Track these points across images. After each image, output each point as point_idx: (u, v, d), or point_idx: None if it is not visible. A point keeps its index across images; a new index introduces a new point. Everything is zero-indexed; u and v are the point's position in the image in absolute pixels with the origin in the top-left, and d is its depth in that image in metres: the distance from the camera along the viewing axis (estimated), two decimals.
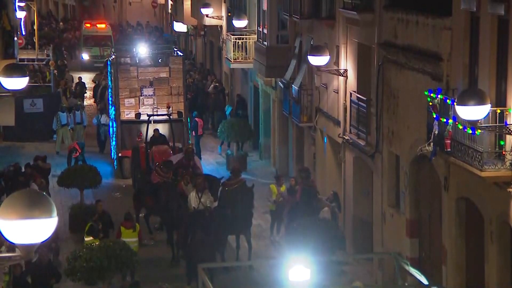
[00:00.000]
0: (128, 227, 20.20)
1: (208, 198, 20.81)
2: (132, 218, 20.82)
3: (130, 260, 17.32)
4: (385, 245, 19.87)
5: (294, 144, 28.20)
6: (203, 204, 20.51)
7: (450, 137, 15.14)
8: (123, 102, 29.84)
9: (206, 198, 20.80)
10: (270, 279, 20.75)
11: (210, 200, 20.77)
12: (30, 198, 7.80)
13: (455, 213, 16.55)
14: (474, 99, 13.83)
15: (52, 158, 30.52)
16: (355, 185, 22.19)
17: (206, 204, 20.48)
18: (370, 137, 20.66)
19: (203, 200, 20.66)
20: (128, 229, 20.16)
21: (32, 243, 7.81)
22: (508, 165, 14.24)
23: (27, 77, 15.66)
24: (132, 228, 20.26)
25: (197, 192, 20.80)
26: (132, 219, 20.73)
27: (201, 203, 20.52)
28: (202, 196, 20.74)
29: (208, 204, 20.52)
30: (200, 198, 20.66)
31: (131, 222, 20.40)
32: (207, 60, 43.63)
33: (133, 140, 29.16)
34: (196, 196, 20.76)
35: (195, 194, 20.83)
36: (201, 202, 20.56)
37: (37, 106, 34.43)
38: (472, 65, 15.79)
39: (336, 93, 23.29)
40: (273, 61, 27.94)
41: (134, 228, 20.31)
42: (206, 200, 20.69)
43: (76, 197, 24.45)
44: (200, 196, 20.72)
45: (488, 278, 15.38)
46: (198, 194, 20.76)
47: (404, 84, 18.69)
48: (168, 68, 30.23)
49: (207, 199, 20.76)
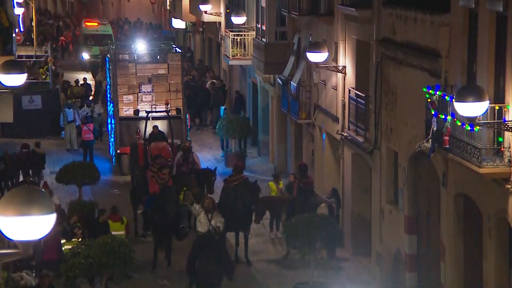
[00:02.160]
0: (115, 220, 20.49)
1: (218, 220, 19.34)
2: (119, 211, 21.10)
3: (128, 256, 17.33)
4: (384, 242, 19.89)
5: (292, 141, 28.20)
6: (213, 226, 19.14)
7: (448, 134, 15.14)
8: (122, 99, 29.84)
9: (216, 219, 19.29)
10: (268, 275, 20.79)
11: (221, 221, 19.34)
12: (29, 195, 7.80)
13: (454, 210, 16.57)
14: (473, 96, 13.83)
15: (57, 154, 30.70)
16: (353, 182, 22.20)
17: (216, 226, 19.15)
18: (368, 134, 20.66)
19: (213, 222, 19.21)
20: (115, 222, 20.44)
21: (30, 239, 7.81)
22: (507, 162, 14.25)
23: (25, 73, 15.64)
24: (120, 221, 20.56)
25: (206, 213, 19.33)
26: (119, 212, 21.01)
27: (211, 226, 19.16)
28: (212, 218, 19.30)
29: (219, 225, 19.23)
30: (210, 220, 19.24)
31: (117, 215, 20.70)
32: (206, 57, 43.61)
33: (131, 136, 29.16)
34: (205, 218, 19.30)
35: (204, 215, 19.34)
36: (211, 225, 19.17)
37: (35, 103, 34.43)
38: (471, 61, 15.80)
39: (334, 90, 23.30)
40: (272, 58, 27.93)
41: (121, 221, 20.61)
42: (216, 222, 19.23)
43: (75, 193, 24.45)
44: (210, 218, 19.28)
45: (486, 274, 15.40)
46: (207, 216, 19.30)
47: (403, 80, 18.70)
48: (166, 65, 30.22)
49: (218, 220, 19.30)
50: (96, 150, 31.75)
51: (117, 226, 20.42)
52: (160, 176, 22.09)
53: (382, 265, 19.94)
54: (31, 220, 7.74)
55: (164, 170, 22.21)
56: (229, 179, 21.95)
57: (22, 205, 7.72)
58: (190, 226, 23.75)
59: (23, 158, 27.34)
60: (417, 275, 18.59)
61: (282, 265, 21.40)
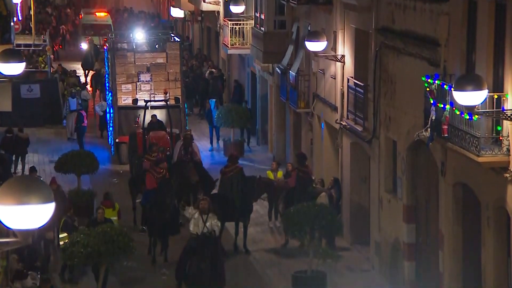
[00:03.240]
0: (108, 206, 20.69)
1: (214, 222, 18.27)
2: (111, 197, 21.23)
3: (127, 245, 17.35)
4: (382, 231, 19.91)
5: (291, 130, 28.20)
6: (208, 229, 18.10)
7: (447, 123, 15.14)
8: (120, 88, 29.81)
9: (211, 221, 18.23)
10: (267, 264, 20.82)
11: (217, 224, 18.31)
12: (27, 183, 7.81)
13: (452, 199, 16.58)
14: (471, 85, 13.83)
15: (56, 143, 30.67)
16: (352, 171, 22.21)
17: (212, 229, 18.14)
18: (367, 123, 20.66)
19: (208, 224, 18.14)
20: (108, 208, 20.62)
21: (29, 228, 7.82)
22: (505, 151, 14.25)
23: (23, 62, 15.62)
24: (111, 207, 20.76)
25: (201, 214, 18.16)
26: (111, 198, 21.14)
27: (206, 228, 18.11)
28: (207, 220, 18.17)
29: (215, 229, 18.23)
30: (205, 222, 18.11)
31: (109, 201, 20.89)
32: (204, 46, 43.56)
33: (130, 126, 29.15)
34: (200, 219, 18.16)
35: (198, 216, 18.21)
36: (206, 227, 18.11)
37: (34, 92, 34.39)
38: (470, 50, 15.78)
39: (333, 79, 23.28)
40: (270, 47, 27.90)
41: (113, 207, 20.82)
42: (211, 225, 18.19)
43: (74, 182, 24.46)
44: (205, 220, 18.15)
45: (484, 263, 15.43)
46: (202, 217, 18.14)
47: (402, 69, 18.68)
48: (165, 54, 30.18)
49: (213, 223, 18.25)
50: (95, 139, 31.76)
51: (109, 212, 20.61)
52: (157, 171, 21.99)
53: (381, 254, 19.97)
54: (30, 209, 7.74)
55: (161, 165, 22.02)
56: (225, 170, 21.95)
57: (21, 194, 7.73)
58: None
59: (7, 142, 27.48)
60: (415, 264, 18.62)
61: (281, 254, 21.44)
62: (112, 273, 19.17)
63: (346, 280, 19.63)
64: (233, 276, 19.00)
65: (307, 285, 18.62)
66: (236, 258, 21.00)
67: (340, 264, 19.60)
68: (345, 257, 20.70)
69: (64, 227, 19.34)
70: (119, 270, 19.69)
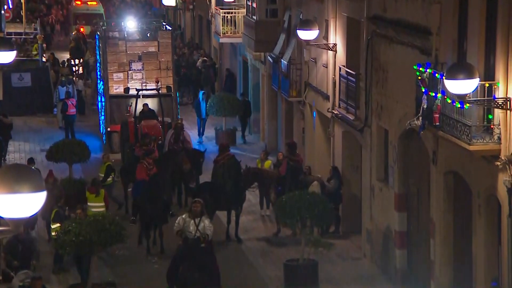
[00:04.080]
0: (92, 192, 21.00)
1: (207, 225, 17.53)
2: (98, 183, 21.40)
3: (119, 234, 17.35)
4: (374, 219, 19.96)
5: (283, 119, 28.20)
6: (200, 232, 17.39)
7: (438, 111, 15.16)
8: (112, 77, 29.74)
9: (204, 224, 17.49)
10: (259, 253, 20.86)
11: (209, 228, 17.57)
12: (19, 172, 7.79)
13: (444, 187, 16.63)
14: (463, 73, 13.85)
15: (47, 132, 30.59)
16: (344, 160, 22.24)
17: (205, 232, 17.40)
18: (359, 112, 20.67)
19: (200, 227, 17.40)
20: (92, 193, 20.98)
21: (21, 217, 7.81)
22: (496, 139, 14.29)
23: (14, 51, 15.58)
24: (95, 193, 20.97)
25: (193, 218, 17.44)
26: (98, 184, 21.32)
27: (199, 231, 17.39)
28: (199, 223, 17.43)
29: (208, 232, 17.47)
30: (197, 226, 17.39)
31: (95, 187, 21.11)
32: (196, 35, 43.47)
33: (122, 114, 29.09)
34: (192, 223, 17.42)
35: (189, 219, 17.48)
36: (199, 230, 17.38)
37: (25, 80, 34.29)
38: (461, 39, 15.79)
39: (325, 68, 23.27)
40: (262, 36, 27.86)
41: (97, 193, 21.00)
42: (204, 228, 17.45)
43: (65, 171, 24.44)
44: (197, 223, 17.41)
45: (475, 251, 15.48)
46: (194, 221, 17.42)
47: (393, 58, 18.69)
48: (157, 43, 30.11)
49: (206, 226, 17.50)
50: (86, 128, 31.70)
51: (92, 198, 20.92)
52: (147, 161, 21.90)
53: (372, 242, 20.02)
54: (21, 198, 7.73)
55: (150, 156, 21.88)
56: (217, 159, 21.99)
57: (12, 182, 7.71)
58: (180, 204, 23.77)
59: None
60: (407, 252, 18.68)
61: (273, 243, 21.47)
62: (104, 263, 19.18)
63: (337, 268, 19.68)
64: (225, 265, 19.01)
65: (299, 273, 18.66)
66: (228, 247, 21.02)
67: (331, 253, 19.64)
68: (337, 245, 20.75)
69: (56, 217, 19.25)
70: (110, 260, 19.69)
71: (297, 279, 18.59)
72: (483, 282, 15.24)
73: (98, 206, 20.75)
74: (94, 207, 20.70)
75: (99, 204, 20.80)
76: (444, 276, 16.70)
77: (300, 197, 18.88)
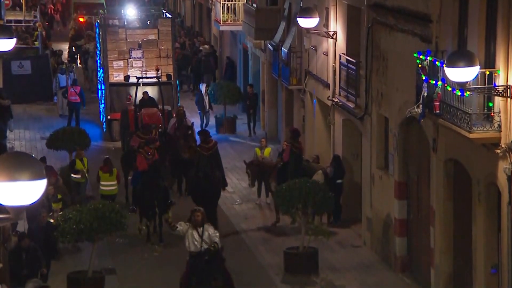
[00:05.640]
0: (105, 171, 21.50)
1: (212, 233, 16.12)
2: (110, 163, 21.77)
3: (119, 222, 17.38)
4: (374, 207, 19.98)
5: (283, 107, 28.19)
6: (206, 242, 16.03)
7: (439, 99, 15.15)
8: (112, 65, 29.72)
9: (208, 232, 16.10)
10: (258, 241, 20.88)
11: (216, 235, 16.15)
12: (19, 160, 7.80)
13: (444, 175, 16.64)
14: (463, 61, 13.83)
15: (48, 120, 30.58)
16: (344, 148, 22.24)
17: (212, 241, 16.04)
18: (359, 100, 20.66)
19: (205, 237, 16.04)
20: (105, 173, 21.46)
21: (21, 205, 7.82)
22: (496, 127, 14.29)
23: (14, 38, 15.56)
24: (109, 172, 21.46)
25: (196, 228, 16.02)
26: (110, 163, 21.70)
27: (204, 242, 16.03)
28: (203, 233, 16.07)
29: (215, 240, 16.05)
30: (201, 236, 16.04)
31: (108, 166, 21.57)
32: (196, 23, 43.41)
33: (122, 102, 29.10)
34: (195, 234, 16.04)
35: (192, 231, 16.05)
36: (204, 241, 16.03)
37: (25, 68, 34.26)
38: (462, 26, 15.77)
39: (325, 56, 23.25)
40: (262, 24, 27.82)
41: (111, 172, 21.50)
42: (209, 236, 16.08)
43: (65, 159, 24.45)
44: (201, 233, 16.07)
45: (475, 239, 15.51)
46: (198, 231, 16.03)
47: (394, 46, 18.66)
48: (157, 30, 30.08)
49: (211, 234, 16.10)
50: (86, 115, 31.69)
51: (107, 177, 21.38)
52: (147, 150, 21.67)
53: (372, 230, 20.05)
54: (21, 185, 7.74)
55: (151, 145, 21.52)
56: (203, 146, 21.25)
57: (13, 170, 7.72)
58: (181, 193, 23.73)
59: None
60: (407, 239, 18.71)
61: (272, 231, 21.48)
62: (105, 250, 19.22)
63: (337, 256, 19.71)
64: (224, 253, 19.02)
65: (299, 261, 18.69)
66: (227, 235, 21.03)
67: (331, 241, 19.66)
68: (337, 233, 20.78)
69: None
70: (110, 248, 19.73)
71: (297, 267, 18.62)
72: (482, 269, 15.27)
73: (111, 185, 21.41)
74: (107, 186, 21.42)
75: (112, 183, 21.42)
76: (444, 264, 16.73)
77: (300, 185, 18.88)
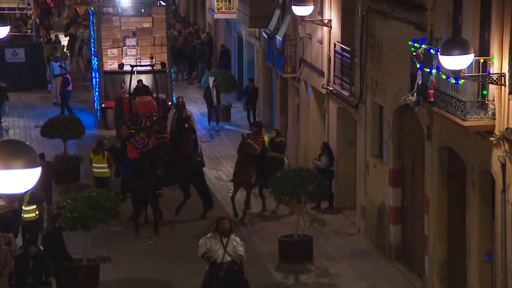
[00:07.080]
0: (97, 153, 21.75)
1: (237, 243, 14.95)
2: (103, 145, 21.99)
3: (114, 210, 17.38)
4: (368, 195, 20.01)
5: (278, 95, 28.18)
6: (229, 254, 14.83)
7: (433, 87, 15.16)
8: (106, 53, 29.66)
9: (233, 243, 14.88)
10: (253, 229, 20.92)
11: (242, 245, 15.01)
12: (13, 148, 7.78)
13: (438, 163, 16.67)
14: (458, 49, 13.84)
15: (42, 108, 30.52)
16: (338, 136, 22.25)
17: (237, 254, 14.87)
18: (354, 88, 20.66)
19: (229, 249, 14.81)
20: (97, 155, 21.71)
21: (15, 193, 7.81)
22: (491, 115, 14.31)
23: (8, 26, 15.51)
24: (101, 153, 21.69)
25: (221, 237, 14.78)
26: (103, 146, 21.93)
27: (227, 253, 14.84)
28: (228, 244, 14.80)
29: (240, 253, 14.89)
30: (225, 247, 14.79)
31: (100, 149, 21.81)
32: (190, 10, 43.31)
33: (116, 90, 29.06)
34: (219, 243, 14.80)
35: (214, 239, 14.87)
36: (227, 252, 14.82)
37: (19, 56, 34.16)
38: (456, 14, 15.76)
39: (320, 44, 23.23)
40: (257, 11, 27.78)
41: (103, 155, 21.71)
42: (234, 248, 14.87)
43: (60, 147, 24.42)
44: (226, 244, 14.79)
45: (469, 227, 15.55)
46: (222, 240, 14.78)
47: (388, 34, 18.65)
48: (151, 18, 30.02)
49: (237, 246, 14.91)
50: (80, 103, 31.65)
51: (99, 159, 21.61)
52: (136, 140, 21.38)
53: (367, 218, 20.09)
54: (15, 173, 7.73)
55: (141, 134, 21.34)
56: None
57: (7, 158, 7.70)
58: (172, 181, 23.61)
59: None
60: (401, 227, 18.75)
61: (267, 219, 21.51)
62: (100, 239, 19.22)
63: (332, 244, 19.75)
64: None
65: (294, 249, 18.72)
66: None
67: (326, 228, 19.69)
68: (331, 221, 20.81)
69: (31, 199, 18.15)
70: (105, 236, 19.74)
71: (292, 255, 18.65)
72: (476, 257, 15.32)
73: (102, 167, 21.61)
74: (98, 168, 21.65)
75: (103, 165, 21.59)
76: (438, 251, 16.78)
77: (295, 173, 18.89)
